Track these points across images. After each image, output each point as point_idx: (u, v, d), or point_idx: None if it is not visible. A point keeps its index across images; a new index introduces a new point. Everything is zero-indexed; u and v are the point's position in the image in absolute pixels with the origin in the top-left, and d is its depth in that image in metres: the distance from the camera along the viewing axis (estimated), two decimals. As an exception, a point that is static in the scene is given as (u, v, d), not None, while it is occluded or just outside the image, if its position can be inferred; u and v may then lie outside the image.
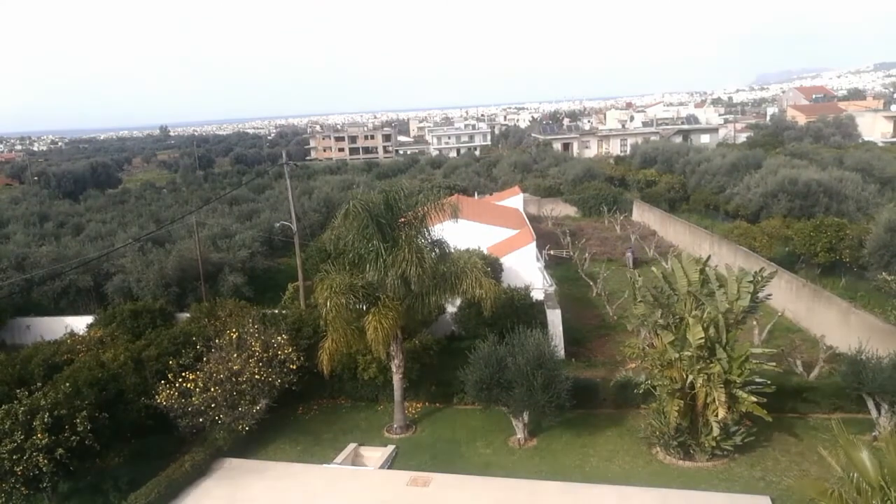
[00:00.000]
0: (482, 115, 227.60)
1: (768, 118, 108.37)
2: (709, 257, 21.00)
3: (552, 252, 40.92)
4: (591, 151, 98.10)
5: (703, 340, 16.48)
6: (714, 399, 16.39)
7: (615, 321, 28.23)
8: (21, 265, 34.40)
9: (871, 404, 17.50)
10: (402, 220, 18.97)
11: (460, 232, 22.58)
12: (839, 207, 36.60)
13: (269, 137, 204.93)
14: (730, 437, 17.13)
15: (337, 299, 18.25)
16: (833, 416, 18.60)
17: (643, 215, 51.10)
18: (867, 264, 27.53)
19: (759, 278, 17.36)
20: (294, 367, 20.37)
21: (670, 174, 59.83)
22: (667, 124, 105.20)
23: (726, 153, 56.26)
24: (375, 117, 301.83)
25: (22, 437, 15.95)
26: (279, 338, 20.70)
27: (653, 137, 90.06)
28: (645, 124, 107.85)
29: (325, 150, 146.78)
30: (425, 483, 17.22)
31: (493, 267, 26.90)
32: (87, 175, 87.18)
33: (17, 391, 17.40)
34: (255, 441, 19.83)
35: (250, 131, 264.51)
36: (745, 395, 16.55)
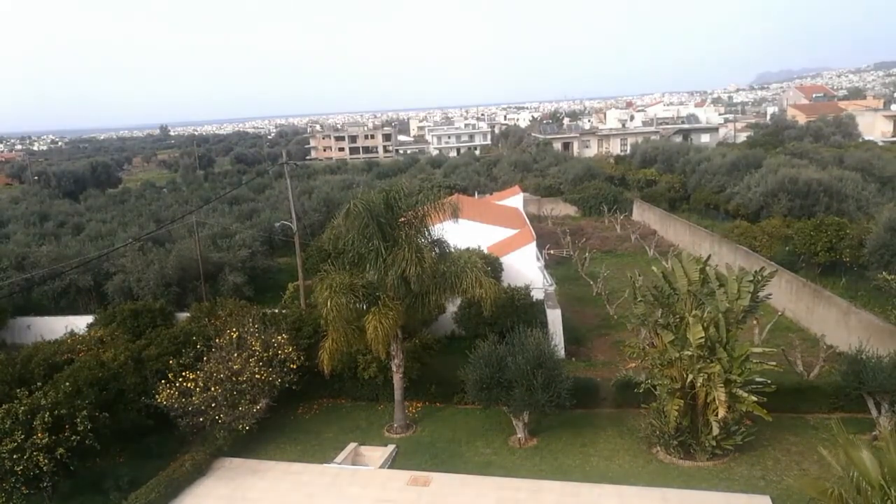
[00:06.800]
0: (482, 115, 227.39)
1: (768, 118, 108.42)
2: (709, 257, 21.02)
3: (552, 252, 40.93)
4: (591, 151, 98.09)
5: (703, 340, 16.49)
6: (714, 398, 16.38)
7: (615, 321, 28.22)
8: (21, 265, 34.39)
9: (871, 404, 17.49)
10: (403, 219, 18.96)
11: (460, 231, 22.54)
12: (839, 207, 36.56)
13: (269, 137, 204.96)
14: (730, 437, 17.13)
15: (337, 299, 18.25)
16: (833, 416, 18.61)
17: (643, 215, 51.10)
18: (867, 264, 27.51)
19: (760, 278, 17.36)
20: (294, 366, 20.38)
21: (670, 174, 59.81)
22: (667, 124, 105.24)
23: (726, 153, 56.23)
24: (375, 117, 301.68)
25: (22, 436, 15.97)
26: (279, 337, 20.70)
27: (653, 137, 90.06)
28: (645, 124, 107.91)
29: (325, 150, 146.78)
30: (425, 483, 17.22)
31: (493, 266, 26.89)
32: (87, 175, 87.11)
33: (18, 391, 17.40)
34: (255, 441, 19.82)
35: (250, 131, 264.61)
36: (745, 395, 16.54)
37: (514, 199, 46.37)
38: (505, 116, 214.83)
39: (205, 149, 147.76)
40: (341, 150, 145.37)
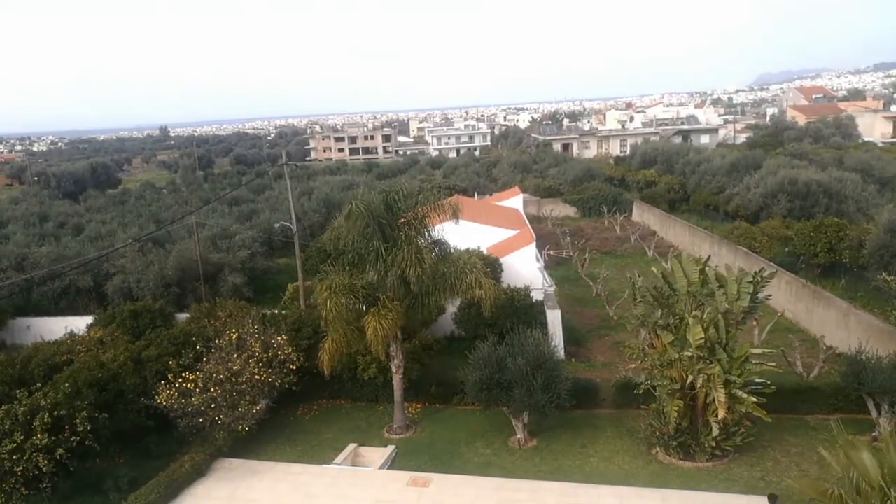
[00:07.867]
0: (482, 116, 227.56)
1: (768, 118, 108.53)
2: (709, 258, 21.01)
3: (552, 252, 40.94)
4: (591, 152, 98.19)
5: (703, 341, 16.49)
6: (714, 399, 16.38)
7: (615, 322, 28.23)
8: (21, 265, 34.36)
9: (870, 404, 17.51)
10: (402, 220, 18.97)
11: (460, 232, 22.55)
12: (839, 208, 36.58)
13: (269, 137, 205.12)
14: (730, 438, 17.13)
15: (337, 299, 18.26)
16: (833, 417, 18.64)
17: (643, 216, 51.12)
18: (867, 265, 27.52)
19: (759, 279, 17.36)
20: (294, 367, 20.39)
21: (670, 174, 59.84)
22: (666, 124, 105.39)
23: (726, 153, 56.34)
24: (375, 118, 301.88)
25: (22, 437, 15.98)
26: (279, 338, 20.70)
27: (653, 138, 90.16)
28: (645, 125, 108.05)
29: (324, 151, 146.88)
30: (425, 483, 17.21)
31: (492, 267, 26.90)
32: (86, 175, 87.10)
33: (17, 391, 17.41)
34: (254, 441, 19.82)
35: (250, 131, 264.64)
36: (744, 396, 16.54)
37: (514, 200, 46.39)
38: (504, 117, 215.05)
39: (204, 149, 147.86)
40: (341, 150, 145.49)
